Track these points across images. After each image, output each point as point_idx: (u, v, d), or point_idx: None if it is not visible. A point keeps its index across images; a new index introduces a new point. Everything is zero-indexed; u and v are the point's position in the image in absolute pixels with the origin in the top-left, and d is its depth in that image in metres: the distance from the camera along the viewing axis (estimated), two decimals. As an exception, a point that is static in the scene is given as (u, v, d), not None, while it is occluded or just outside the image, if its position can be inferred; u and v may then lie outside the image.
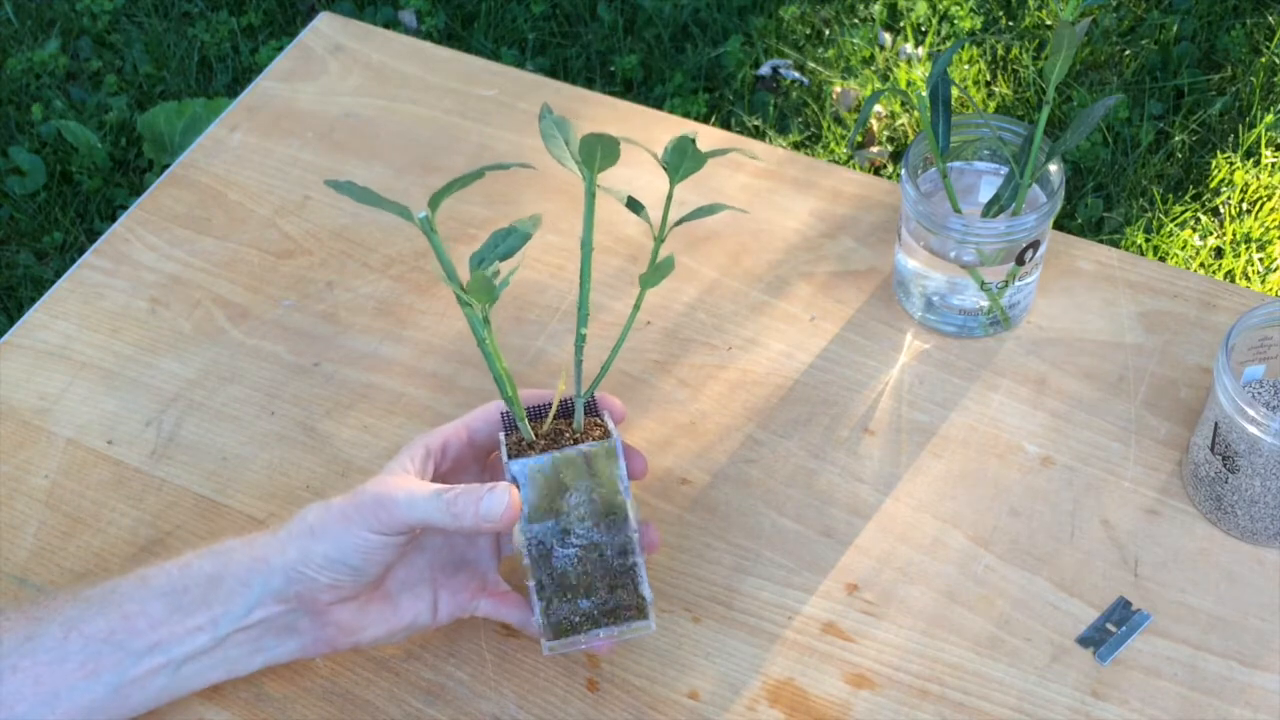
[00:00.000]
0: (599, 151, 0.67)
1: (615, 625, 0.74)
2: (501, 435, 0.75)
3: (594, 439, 0.73)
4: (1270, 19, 2.09)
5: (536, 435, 0.74)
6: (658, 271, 0.69)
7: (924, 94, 0.87)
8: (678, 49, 2.14)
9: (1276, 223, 1.85)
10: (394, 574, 0.76)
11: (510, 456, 0.72)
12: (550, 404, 0.75)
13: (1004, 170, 0.90)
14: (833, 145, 1.99)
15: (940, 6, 2.15)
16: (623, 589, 0.74)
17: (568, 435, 0.73)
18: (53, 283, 1.04)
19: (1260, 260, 1.82)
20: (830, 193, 1.02)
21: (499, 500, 0.70)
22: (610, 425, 0.74)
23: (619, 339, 0.73)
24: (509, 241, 0.73)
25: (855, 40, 2.12)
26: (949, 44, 2.05)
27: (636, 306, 0.72)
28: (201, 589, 0.72)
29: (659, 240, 0.70)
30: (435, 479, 0.75)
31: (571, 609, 0.73)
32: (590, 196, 0.69)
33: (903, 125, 2.02)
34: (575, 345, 0.73)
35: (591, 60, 2.13)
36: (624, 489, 0.72)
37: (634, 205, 0.72)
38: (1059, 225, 1.78)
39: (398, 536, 0.72)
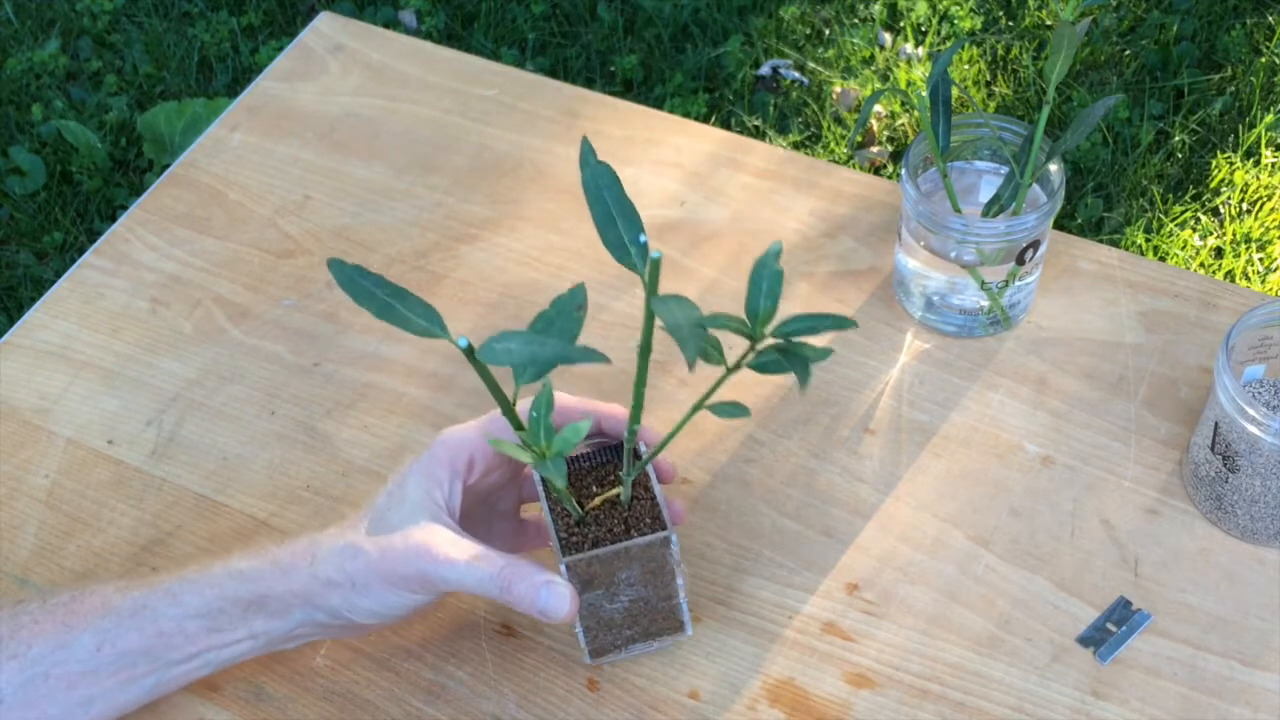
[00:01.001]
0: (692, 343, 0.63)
1: (654, 641, 0.78)
2: (549, 515, 0.73)
3: (645, 521, 0.72)
4: (1270, 19, 2.09)
5: (585, 511, 0.73)
6: (729, 409, 0.67)
7: (924, 94, 0.87)
8: (678, 49, 2.14)
9: (1276, 223, 1.85)
10: None
11: (561, 545, 0.72)
12: (606, 450, 0.75)
13: (1004, 170, 0.90)
14: (833, 145, 1.99)
15: (940, 6, 2.15)
16: (664, 617, 0.77)
17: (618, 515, 0.73)
18: (53, 283, 1.04)
19: (1260, 260, 1.82)
20: (830, 193, 1.02)
21: (560, 599, 0.70)
22: (661, 501, 0.73)
23: (673, 430, 0.71)
24: (544, 356, 0.66)
25: (855, 40, 2.12)
26: (949, 44, 2.05)
27: (683, 421, 0.70)
28: (239, 611, 0.73)
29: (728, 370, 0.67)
30: (464, 491, 0.74)
31: (614, 637, 0.77)
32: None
33: (903, 125, 2.02)
34: (626, 438, 0.72)
35: (591, 60, 2.13)
36: (675, 562, 0.74)
37: (802, 379, 0.64)
38: (1059, 225, 1.78)
39: (433, 595, 0.73)
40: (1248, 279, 1.81)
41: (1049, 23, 2.11)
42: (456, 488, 0.73)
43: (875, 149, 2.01)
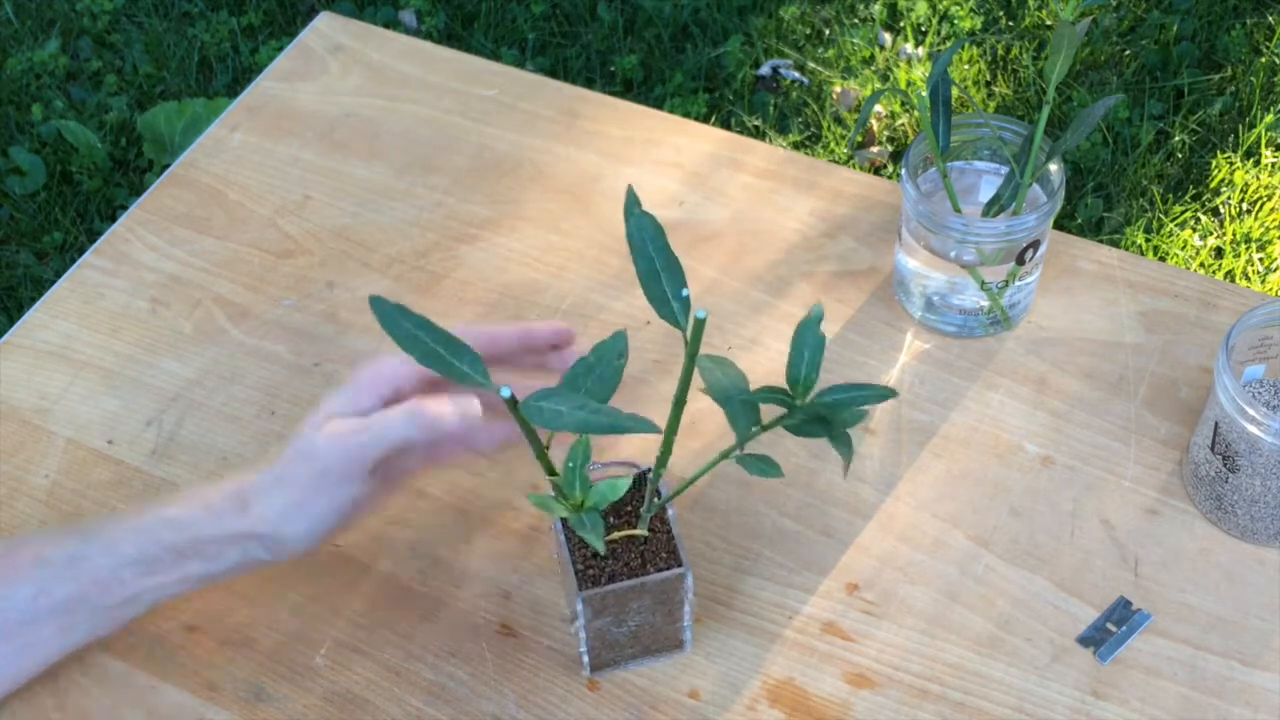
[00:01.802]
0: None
1: (654, 657, 0.79)
2: (565, 542, 0.74)
3: (662, 556, 0.73)
4: (1270, 19, 2.09)
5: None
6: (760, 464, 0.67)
7: (924, 94, 0.87)
8: (678, 49, 2.14)
9: (1276, 223, 1.85)
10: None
11: (579, 578, 0.73)
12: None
13: (1004, 170, 0.90)
14: (833, 145, 1.99)
15: (940, 6, 2.15)
16: (667, 638, 0.78)
17: (634, 551, 0.74)
18: (53, 283, 1.04)
19: (1260, 260, 1.82)
20: (830, 193, 1.02)
21: (467, 400, 0.73)
22: (677, 536, 0.74)
23: (699, 472, 0.71)
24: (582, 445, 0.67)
25: (855, 40, 2.12)
26: (949, 44, 2.05)
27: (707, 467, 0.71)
28: (173, 557, 0.74)
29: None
30: None
31: (616, 655, 0.78)
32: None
33: (903, 125, 2.02)
34: (654, 471, 0.72)
35: (591, 60, 2.13)
36: (686, 594, 0.75)
37: (845, 456, 0.65)
38: (1059, 225, 1.78)
39: (365, 485, 0.74)
40: (1248, 279, 1.81)
41: (1049, 23, 2.11)
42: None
43: (875, 149, 2.01)
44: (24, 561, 0.74)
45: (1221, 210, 1.88)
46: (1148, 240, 1.84)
